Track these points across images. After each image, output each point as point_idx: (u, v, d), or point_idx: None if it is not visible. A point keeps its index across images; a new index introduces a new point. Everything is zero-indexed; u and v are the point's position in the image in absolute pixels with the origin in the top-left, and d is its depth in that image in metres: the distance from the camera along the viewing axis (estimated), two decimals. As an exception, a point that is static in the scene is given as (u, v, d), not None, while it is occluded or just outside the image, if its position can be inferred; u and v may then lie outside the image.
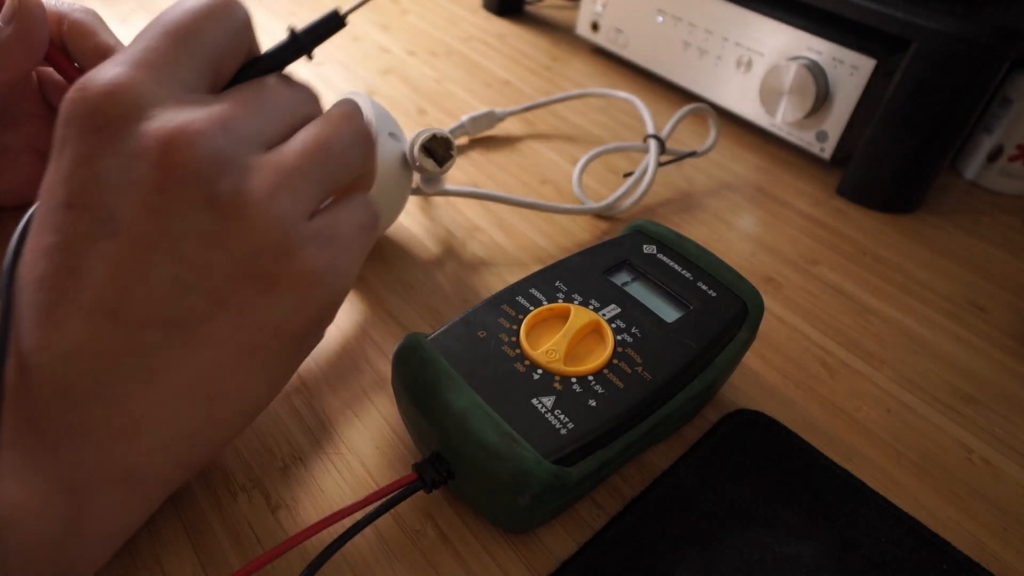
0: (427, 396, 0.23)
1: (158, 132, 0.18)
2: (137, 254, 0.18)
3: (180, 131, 0.18)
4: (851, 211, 0.45)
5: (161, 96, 0.19)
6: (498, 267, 0.36)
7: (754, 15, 0.48)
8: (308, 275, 0.20)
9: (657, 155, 0.42)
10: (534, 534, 0.25)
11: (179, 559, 0.23)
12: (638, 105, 0.45)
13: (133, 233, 0.18)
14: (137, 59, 0.19)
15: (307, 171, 0.20)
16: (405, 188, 0.33)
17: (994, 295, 0.39)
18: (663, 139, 0.42)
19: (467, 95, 0.53)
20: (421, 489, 0.23)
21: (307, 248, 0.20)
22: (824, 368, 0.33)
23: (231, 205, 0.19)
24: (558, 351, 0.25)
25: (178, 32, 0.20)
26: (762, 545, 0.24)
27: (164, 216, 0.18)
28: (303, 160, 0.20)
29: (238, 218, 0.19)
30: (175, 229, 0.19)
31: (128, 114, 0.18)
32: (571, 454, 0.22)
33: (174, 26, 0.20)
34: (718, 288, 0.29)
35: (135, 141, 0.18)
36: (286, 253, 0.20)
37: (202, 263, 0.19)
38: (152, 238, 0.18)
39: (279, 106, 0.21)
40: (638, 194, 0.41)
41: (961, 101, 0.41)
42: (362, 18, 0.64)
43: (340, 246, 0.21)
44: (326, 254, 0.21)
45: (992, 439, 0.30)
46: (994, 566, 0.25)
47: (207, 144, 0.19)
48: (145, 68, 0.19)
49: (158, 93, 0.19)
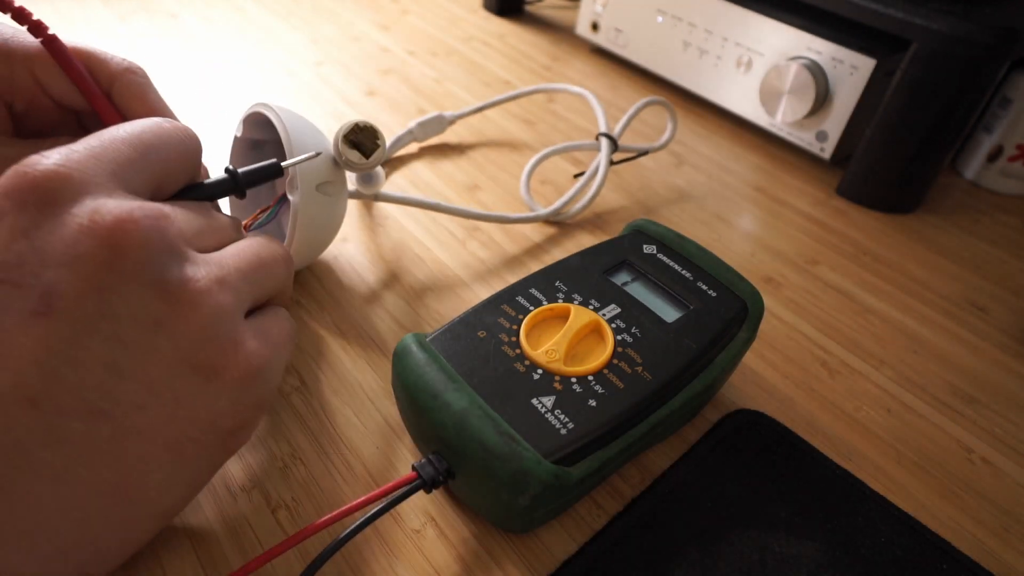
0: (427, 396, 0.23)
1: (109, 211, 0.18)
2: (72, 335, 0.17)
3: (130, 213, 0.19)
4: (851, 211, 0.45)
5: (107, 187, 0.19)
6: (498, 267, 0.36)
7: (754, 15, 0.48)
8: (251, 368, 0.20)
9: (609, 153, 0.40)
10: (534, 534, 0.25)
11: (179, 559, 0.23)
12: (591, 100, 0.44)
13: (71, 312, 0.17)
14: (91, 150, 0.20)
15: (245, 273, 0.22)
16: (341, 189, 0.31)
17: (994, 295, 0.39)
18: (615, 137, 0.41)
19: (467, 95, 0.53)
20: (421, 489, 0.23)
21: (250, 341, 0.21)
22: (824, 368, 0.33)
23: (179, 290, 0.19)
24: (558, 351, 0.25)
25: (136, 140, 0.21)
26: (762, 545, 0.24)
27: (108, 295, 0.18)
28: (241, 263, 0.22)
29: (186, 303, 0.19)
30: (118, 310, 0.18)
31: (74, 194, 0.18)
32: (571, 454, 0.22)
33: (135, 135, 0.21)
34: (718, 288, 0.29)
35: (82, 218, 0.18)
36: (232, 343, 0.20)
37: (143, 348, 0.18)
38: (91, 318, 0.17)
39: (213, 221, 0.23)
40: (590, 195, 0.40)
41: (961, 101, 0.41)
42: (362, 18, 0.64)
43: (274, 347, 0.22)
44: (266, 350, 0.21)
45: (992, 439, 0.30)
46: (994, 566, 0.25)
47: (156, 228, 0.19)
48: (96, 160, 0.19)
49: (105, 184, 0.19)
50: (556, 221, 0.40)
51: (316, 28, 0.61)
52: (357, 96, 0.51)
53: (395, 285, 0.35)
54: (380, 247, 0.37)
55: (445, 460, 0.23)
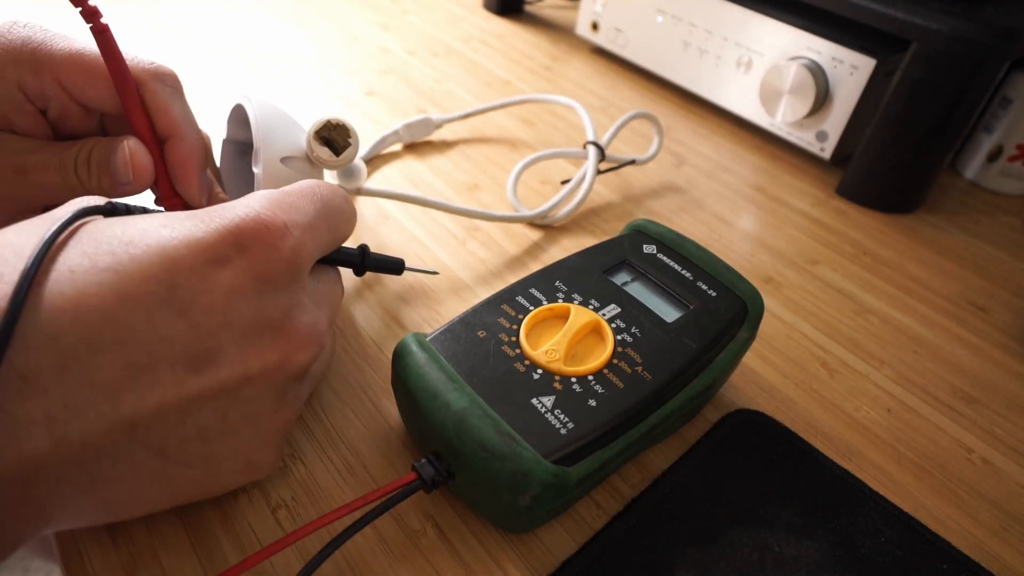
0: (427, 396, 0.23)
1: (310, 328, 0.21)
2: (201, 398, 0.18)
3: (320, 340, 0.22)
4: (851, 211, 0.45)
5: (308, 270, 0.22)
6: (498, 266, 0.36)
7: (754, 15, 0.48)
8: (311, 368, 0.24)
9: (596, 162, 0.41)
10: (534, 534, 0.25)
11: (179, 559, 0.22)
12: (580, 111, 0.44)
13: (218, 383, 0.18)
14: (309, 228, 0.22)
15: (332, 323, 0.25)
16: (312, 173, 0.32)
17: (994, 295, 0.39)
18: (603, 146, 0.42)
19: (467, 95, 0.53)
20: (421, 489, 0.23)
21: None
22: (824, 368, 0.33)
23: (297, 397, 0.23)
24: (558, 351, 0.25)
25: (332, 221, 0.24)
26: (762, 545, 0.24)
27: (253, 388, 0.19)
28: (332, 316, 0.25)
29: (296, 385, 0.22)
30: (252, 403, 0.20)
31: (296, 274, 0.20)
32: (571, 454, 0.22)
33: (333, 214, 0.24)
34: (718, 288, 0.29)
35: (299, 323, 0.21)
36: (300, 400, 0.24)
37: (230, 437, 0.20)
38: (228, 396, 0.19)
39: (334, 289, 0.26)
40: (576, 201, 0.40)
41: (961, 101, 0.41)
42: (362, 18, 0.64)
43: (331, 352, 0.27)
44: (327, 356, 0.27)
45: (992, 439, 0.30)
46: (994, 566, 0.25)
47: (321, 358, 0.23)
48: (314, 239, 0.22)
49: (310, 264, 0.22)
50: (543, 225, 0.40)
51: (316, 28, 0.61)
52: (357, 96, 0.51)
53: (395, 285, 0.35)
54: (380, 247, 0.37)
55: (445, 460, 0.23)
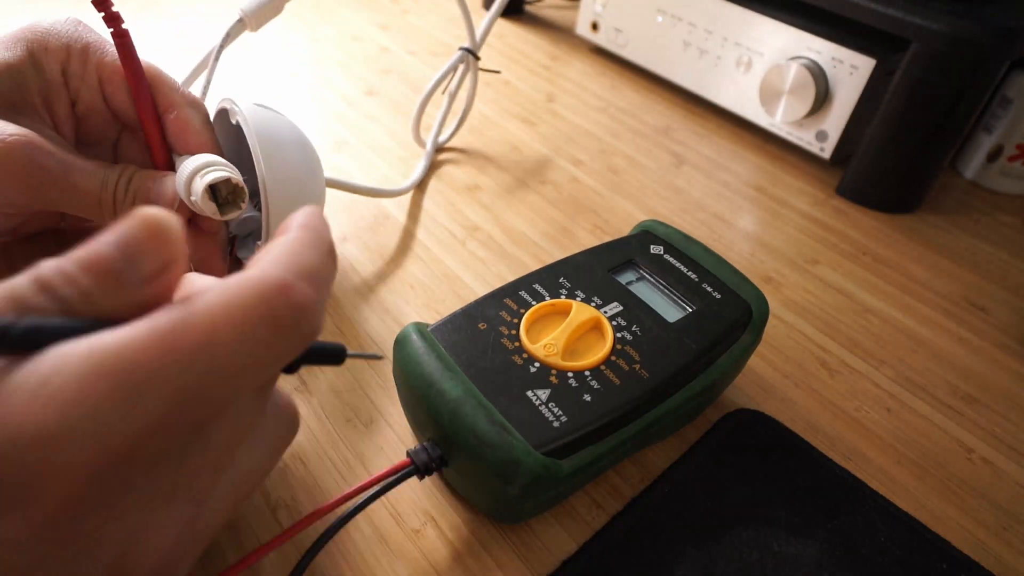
0: (424, 383, 0.23)
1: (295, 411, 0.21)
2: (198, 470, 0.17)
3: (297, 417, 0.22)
4: (851, 211, 0.45)
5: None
6: (497, 265, 0.36)
7: (754, 15, 0.48)
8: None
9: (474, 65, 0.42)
10: (534, 534, 0.25)
11: (178, 558, 0.22)
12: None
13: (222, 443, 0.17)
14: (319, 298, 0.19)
15: None
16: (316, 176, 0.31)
17: (994, 295, 0.39)
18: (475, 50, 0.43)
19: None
20: (415, 475, 0.23)
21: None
22: (824, 368, 0.33)
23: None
24: (556, 345, 0.25)
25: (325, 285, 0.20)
26: (762, 545, 0.24)
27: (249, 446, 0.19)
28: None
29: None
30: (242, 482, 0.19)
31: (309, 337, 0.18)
32: (563, 447, 0.22)
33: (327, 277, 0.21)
34: (723, 291, 0.29)
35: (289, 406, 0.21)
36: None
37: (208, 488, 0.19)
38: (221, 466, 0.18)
39: None
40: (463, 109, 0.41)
41: (961, 101, 0.41)
42: (362, 18, 0.64)
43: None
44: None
45: (992, 439, 0.30)
46: (994, 566, 0.25)
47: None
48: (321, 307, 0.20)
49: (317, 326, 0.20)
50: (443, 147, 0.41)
51: (316, 28, 0.61)
52: (357, 96, 0.51)
53: (395, 285, 0.34)
54: (380, 247, 0.37)
55: (439, 447, 0.23)
